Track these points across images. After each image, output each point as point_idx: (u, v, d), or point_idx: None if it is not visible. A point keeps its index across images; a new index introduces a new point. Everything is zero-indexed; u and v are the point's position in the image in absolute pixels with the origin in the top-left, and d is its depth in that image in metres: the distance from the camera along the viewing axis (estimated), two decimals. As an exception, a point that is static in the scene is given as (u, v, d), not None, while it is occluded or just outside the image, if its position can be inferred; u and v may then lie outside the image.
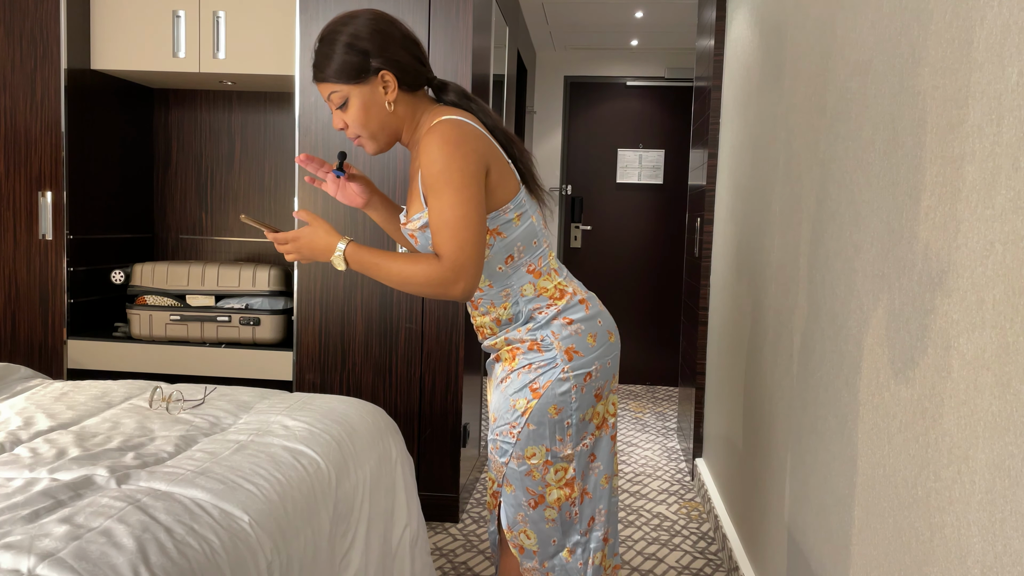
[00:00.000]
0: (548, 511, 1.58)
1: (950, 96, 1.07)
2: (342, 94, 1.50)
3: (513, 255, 1.55)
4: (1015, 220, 0.89)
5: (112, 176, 3.22)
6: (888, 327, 1.26)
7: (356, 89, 1.49)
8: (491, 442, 1.61)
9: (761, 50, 2.43)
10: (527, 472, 1.56)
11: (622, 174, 5.49)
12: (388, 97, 1.51)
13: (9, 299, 2.99)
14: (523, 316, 1.57)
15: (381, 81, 1.50)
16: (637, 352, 5.53)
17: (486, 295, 1.58)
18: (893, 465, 1.22)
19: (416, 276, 1.44)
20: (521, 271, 1.56)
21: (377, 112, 1.51)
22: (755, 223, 2.40)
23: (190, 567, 1.15)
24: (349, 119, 1.52)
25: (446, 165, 1.42)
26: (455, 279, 1.42)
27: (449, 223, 1.42)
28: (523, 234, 1.55)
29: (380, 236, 2.80)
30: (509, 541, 1.62)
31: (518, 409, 1.55)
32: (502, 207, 1.52)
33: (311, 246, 1.52)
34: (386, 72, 1.49)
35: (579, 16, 4.65)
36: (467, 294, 1.45)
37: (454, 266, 1.42)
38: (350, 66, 1.47)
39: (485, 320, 1.62)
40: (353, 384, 2.85)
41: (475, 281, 1.45)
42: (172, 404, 1.91)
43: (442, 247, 1.43)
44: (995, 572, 0.91)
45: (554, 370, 1.53)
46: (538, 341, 1.55)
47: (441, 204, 1.43)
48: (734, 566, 2.41)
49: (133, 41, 2.96)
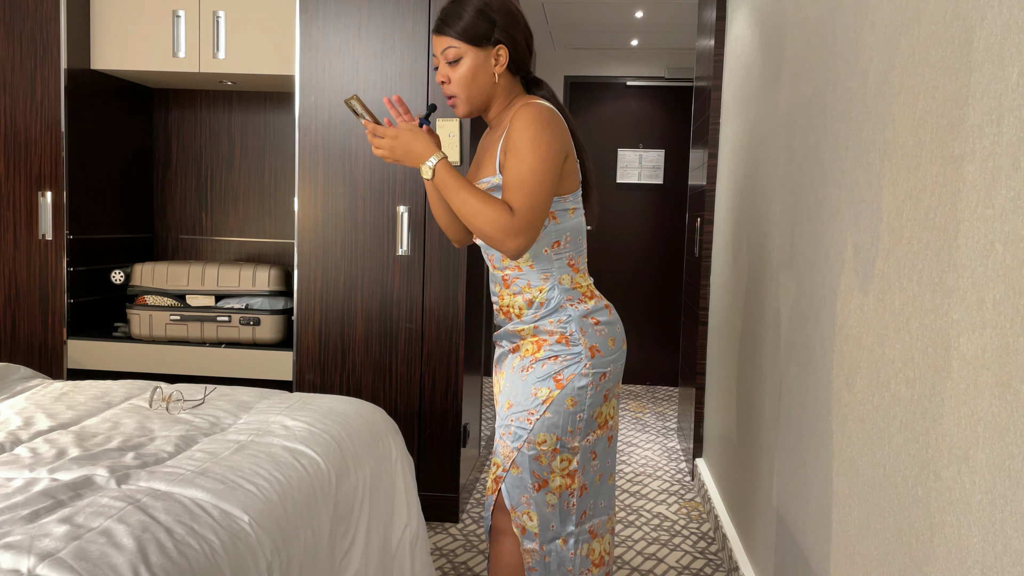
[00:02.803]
0: (549, 496, 1.65)
1: (950, 96, 1.07)
2: (459, 51, 1.60)
3: (560, 242, 1.65)
4: (1015, 220, 0.89)
5: (112, 176, 3.22)
6: (888, 327, 1.26)
7: (473, 51, 1.60)
8: (503, 428, 1.67)
9: (761, 50, 2.43)
10: (536, 456, 1.63)
11: (622, 174, 5.49)
12: (497, 69, 1.62)
13: (9, 299, 2.99)
14: (555, 303, 1.64)
15: (496, 53, 1.62)
16: (637, 352, 5.53)
17: (524, 274, 1.66)
18: (893, 465, 1.22)
19: (487, 213, 1.52)
20: (563, 261, 1.66)
21: (483, 79, 1.62)
22: (755, 223, 2.40)
23: (190, 567, 1.15)
24: (455, 76, 1.61)
25: (537, 134, 1.53)
26: (518, 233, 1.52)
27: (526, 183, 1.52)
28: (573, 227, 1.66)
29: (379, 235, 2.80)
30: (512, 522, 1.67)
31: (539, 397, 1.62)
32: (563, 196, 1.63)
33: (407, 147, 1.58)
34: (503, 46, 1.62)
35: (579, 16, 4.64)
36: (520, 251, 1.54)
37: (522, 221, 1.52)
38: (477, 29, 1.59)
39: (516, 300, 1.68)
40: (353, 384, 2.85)
41: (531, 243, 1.54)
42: (172, 404, 1.90)
43: (516, 202, 1.52)
44: (995, 572, 0.91)
45: (578, 364, 1.62)
46: (567, 335, 1.63)
47: (522, 166, 1.53)
48: (734, 566, 2.41)
49: (133, 41, 2.96)
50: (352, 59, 2.79)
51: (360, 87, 2.78)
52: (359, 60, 2.78)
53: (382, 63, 2.77)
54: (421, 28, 2.75)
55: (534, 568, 1.67)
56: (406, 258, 2.80)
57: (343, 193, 2.81)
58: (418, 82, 2.76)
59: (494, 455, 1.72)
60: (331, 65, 2.79)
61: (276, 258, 3.47)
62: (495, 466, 1.70)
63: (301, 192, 2.83)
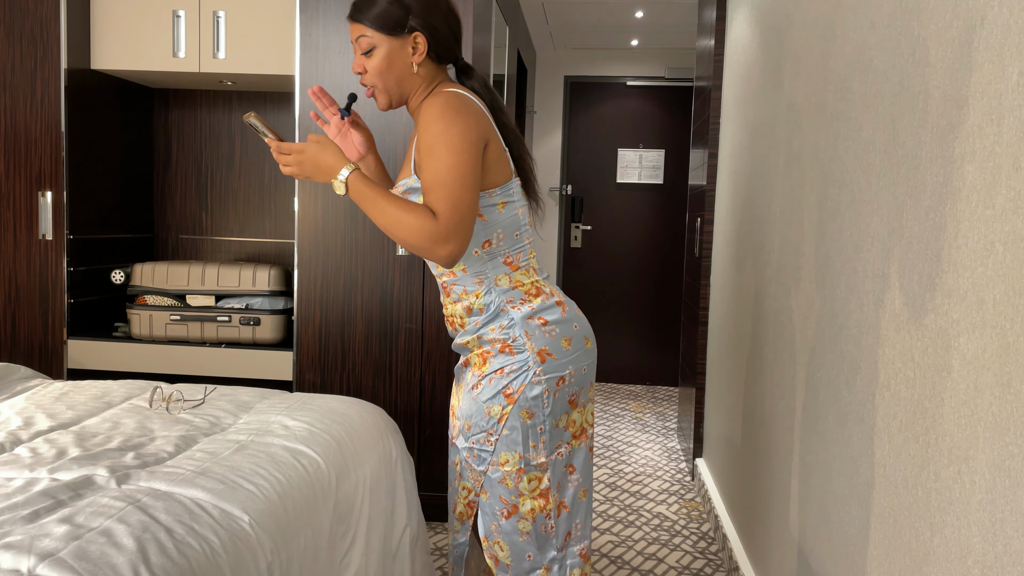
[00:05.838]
0: (522, 523, 1.53)
1: (950, 96, 1.07)
2: (371, 41, 1.50)
3: (491, 241, 1.52)
4: (1015, 220, 0.89)
5: (112, 176, 3.22)
6: (888, 327, 1.26)
7: (387, 40, 1.49)
8: (465, 451, 1.57)
9: (761, 50, 2.43)
10: (500, 479, 1.53)
11: (622, 174, 5.49)
12: (415, 59, 1.51)
13: (9, 299, 2.99)
14: (494, 307, 1.52)
15: (413, 41, 1.50)
16: (637, 352, 5.53)
17: (459, 280, 1.55)
18: (893, 465, 1.22)
19: (409, 223, 1.39)
20: (498, 260, 1.53)
21: (399, 69, 1.51)
22: (755, 223, 2.40)
23: (190, 567, 1.15)
24: (370, 67, 1.51)
25: (446, 127, 1.41)
26: (446, 238, 1.38)
27: (445, 183, 1.39)
28: (505, 223, 1.53)
29: (379, 235, 2.80)
30: (485, 551, 1.59)
31: (493, 416, 1.51)
32: (489, 190, 1.50)
33: (315, 162, 1.46)
34: (420, 34, 1.50)
35: (579, 16, 4.64)
36: (453, 257, 1.40)
37: (447, 225, 1.38)
38: (389, 16, 1.48)
39: (456, 309, 1.57)
40: (353, 384, 2.85)
41: (463, 246, 1.41)
42: (172, 404, 1.91)
43: (438, 204, 1.39)
44: (995, 572, 0.91)
45: (526, 373, 1.49)
46: (510, 342, 1.51)
47: (438, 165, 1.40)
48: (734, 566, 2.41)
49: (133, 41, 2.96)
50: (352, 59, 2.78)
51: (359, 87, 2.78)
52: (359, 60, 2.78)
53: (382, 63, 2.77)
54: (421, 28, 2.75)
55: None
56: (406, 258, 2.80)
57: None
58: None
59: (460, 479, 1.61)
60: (331, 65, 2.79)
61: (276, 258, 3.47)
62: (465, 490, 1.60)
63: (301, 192, 2.83)
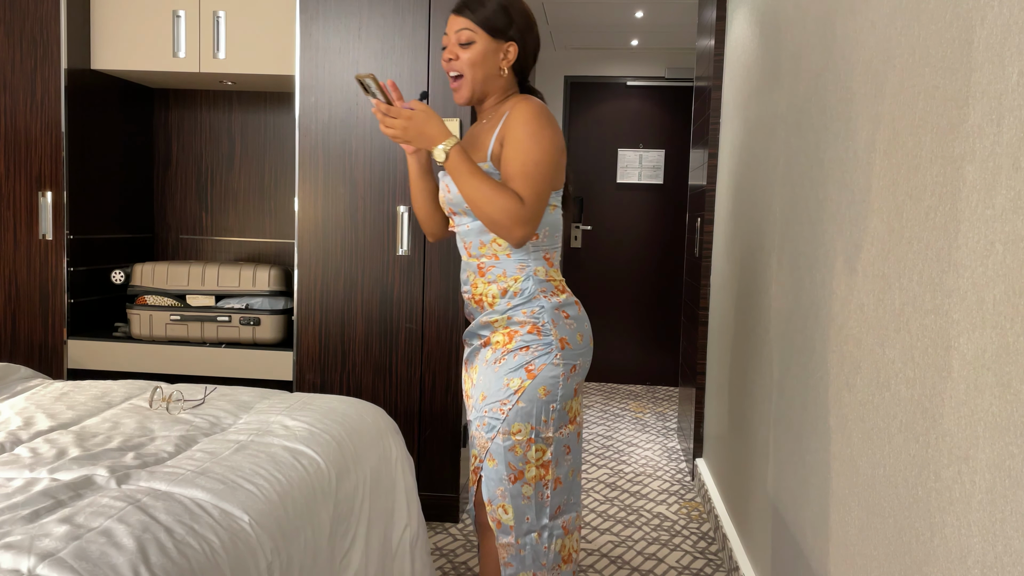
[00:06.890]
0: (525, 488, 1.66)
1: (950, 96, 1.07)
2: (473, 35, 1.66)
3: (540, 235, 1.68)
4: (1015, 220, 0.89)
5: (112, 176, 3.22)
6: (888, 327, 1.26)
7: (487, 40, 1.67)
8: (477, 419, 1.69)
9: (761, 50, 2.43)
10: (511, 447, 1.65)
11: (622, 174, 5.49)
12: (504, 64, 1.70)
13: (9, 299, 2.99)
14: (528, 293, 1.67)
15: (506, 49, 1.69)
16: (637, 352, 5.53)
17: (501, 263, 1.69)
18: (893, 465, 1.22)
19: (498, 201, 1.57)
20: (539, 253, 1.69)
21: (489, 67, 1.69)
22: (755, 223, 2.40)
23: (190, 567, 1.15)
24: (465, 57, 1.66)
25: (540, 128, 1.60)
26: (526, 221, 1.58)
27: (532, 175, 1.59)
28: (552, 223, 1.71)
29: (379, 235, 2.80)
30: (488, 515, 1.68)
31: (511, 387, 1.64)
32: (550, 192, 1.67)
33: (421, 129, 1.60)
34: (514, 45, 1.69)
35: (579, 16, 4.64)
36: (524, 239, 1.60)
37: (530, 210, 1.58)
38: (497, 21, 1.66)
39: (490, 289, 1.70)
40: (353, 384, 2.85)
41: (533, 231, 1.61)
42: (172, 404, 1.91)
43: (524, 191, 1.58)
44: (995, 572, 0.91)
45: (549, 355, 1.65)
46: (539, 325, 1.65)
47: (526, 157, 1.59)
48: (734, 566, 2.41)
49: (133, 41, 2.96)
50: (352, 59, 2.79)
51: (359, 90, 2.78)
52: (359, 60, 2.78)
53: (382, 63, 2.77)
54: (421, 28, 2.75)
55: (509, 563, 1.68)
56: (406, 258, 2.80)
57: (343, 193, 2.81)
58: (418, 82, 2.76)
59: (471, 446, 1.74)
60: (331, 65, 2.79)
61: (276, 258, 3.47)
62: (473, 457, 1.73)
63: (301, 192, 2.83)
